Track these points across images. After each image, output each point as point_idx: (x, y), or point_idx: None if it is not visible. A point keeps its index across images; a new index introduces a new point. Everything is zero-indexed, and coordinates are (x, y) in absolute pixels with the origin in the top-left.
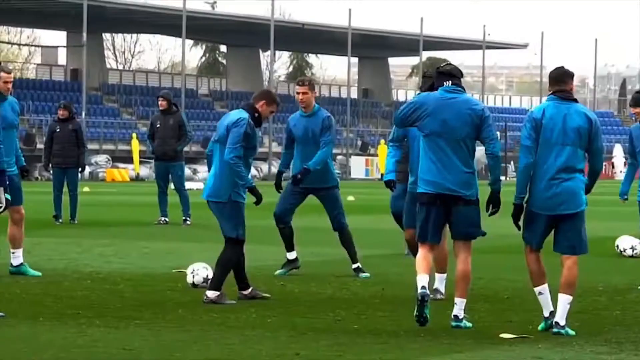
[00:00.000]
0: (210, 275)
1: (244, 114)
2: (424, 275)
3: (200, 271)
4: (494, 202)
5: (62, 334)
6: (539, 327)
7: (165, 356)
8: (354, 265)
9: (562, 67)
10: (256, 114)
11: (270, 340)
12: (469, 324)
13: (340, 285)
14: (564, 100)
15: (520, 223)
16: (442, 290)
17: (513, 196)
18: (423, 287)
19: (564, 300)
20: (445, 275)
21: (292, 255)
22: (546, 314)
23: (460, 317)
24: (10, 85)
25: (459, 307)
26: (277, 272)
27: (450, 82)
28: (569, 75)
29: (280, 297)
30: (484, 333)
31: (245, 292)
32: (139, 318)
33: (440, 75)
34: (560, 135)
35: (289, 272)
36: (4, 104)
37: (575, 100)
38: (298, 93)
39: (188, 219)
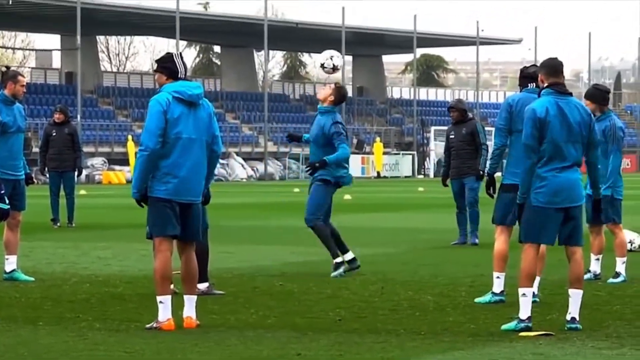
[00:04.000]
0: None
1: None
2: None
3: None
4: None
5: (62, 337)
6: (510, 327)
7: (167, 358)
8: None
9: (556, 58)
10: None
11: (270, 341)
12: None
13: (340, 284)
14: (562, 94)
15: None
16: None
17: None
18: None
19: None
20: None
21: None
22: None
23: None
24: (25, 89)
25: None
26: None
27: (533, 84)
28: (563, 67)
29: (280, 297)
30: (484, 330)
31: (201, 287)
32: (139, 320)
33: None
34: (566, 133)
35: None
36: (12, 107)
37: (571, 94)
38: None
39: None
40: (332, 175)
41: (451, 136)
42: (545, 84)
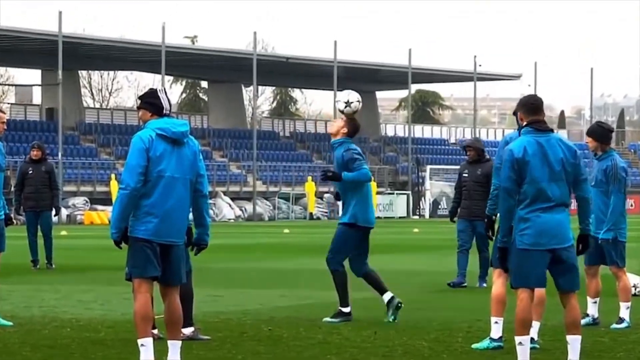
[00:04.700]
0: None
1: None
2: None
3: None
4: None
5: None
6: None
7: None
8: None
9: (535, 95)
10: None
11: None
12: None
13: (331, 329)
14: (542, 132)
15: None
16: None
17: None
18: None
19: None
20: None
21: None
22: None
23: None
24: (5, 126)
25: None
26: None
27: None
28: (543, 104)
29: (268, 343)
30: None
31: (186, 332)
32: None
33: None
34: (548, 172)
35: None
36: None
37: (552, 130)
38: None
39: None
40: (355, 218)
41: (464, 174)
42: (525, 123)
